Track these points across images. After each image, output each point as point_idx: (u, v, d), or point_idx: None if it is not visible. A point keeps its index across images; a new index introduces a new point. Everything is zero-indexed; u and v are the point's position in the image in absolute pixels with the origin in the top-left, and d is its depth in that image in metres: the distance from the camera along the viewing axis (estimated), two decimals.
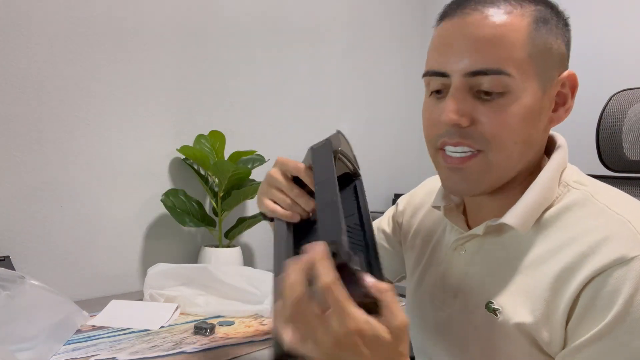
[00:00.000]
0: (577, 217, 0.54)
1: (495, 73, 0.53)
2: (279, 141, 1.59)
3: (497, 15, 0.54)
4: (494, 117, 0.54)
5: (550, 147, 0.62)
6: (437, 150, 0.60)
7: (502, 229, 0.59)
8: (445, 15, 0.58)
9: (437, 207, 0.68)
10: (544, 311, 0.52)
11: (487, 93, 0.54)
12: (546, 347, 0.53)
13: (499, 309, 0.56)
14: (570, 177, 0.59)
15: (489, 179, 0.57)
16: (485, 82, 0.54)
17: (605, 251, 0.50)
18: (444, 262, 0.67)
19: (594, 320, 0.49)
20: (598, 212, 0.53)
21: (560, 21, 0.57)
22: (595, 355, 0.49)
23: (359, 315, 0.42)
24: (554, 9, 0.58)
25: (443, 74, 0.56)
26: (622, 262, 0.48)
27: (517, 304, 0.55)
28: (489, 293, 0.58)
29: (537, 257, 0.55)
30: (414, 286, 0.74)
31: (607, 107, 1.10)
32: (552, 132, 0.62)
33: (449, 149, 0.57)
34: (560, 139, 0.62)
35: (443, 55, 0.56)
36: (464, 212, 0.68)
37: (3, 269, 0.86)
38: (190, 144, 1.34)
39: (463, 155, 0.57)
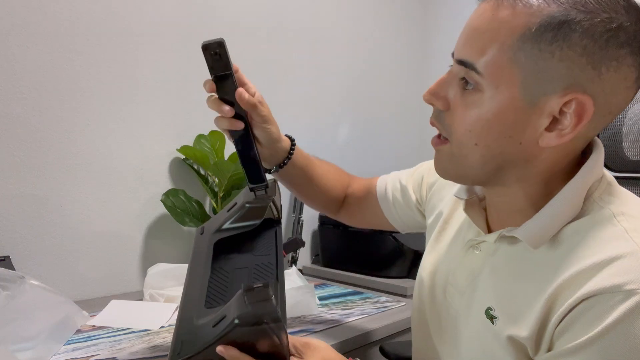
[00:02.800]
0: (593, 238, 0.51)
1: (467, 66, 0.52)
2: None
3: (502, 10, 0.50)
4: (460, 111, 0.54)
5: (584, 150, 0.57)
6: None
7: (516, 239, 0.57)
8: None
9: (459, 198, 0.67)
10: (539, 326, 0.52)
11: (466, 84, 0.54)
12: (534, 356, 0.53)
13: (497, 318, 0.56)
14: (599, 192, 0.55)
15: (454, 170, 0.58)
16: (463, 73, 0.53)
17: (606, 275, 0.47)
18: (458, 257, 0.66)
19: (573, 335, 0.48)
20: (615, 236, 0.50)
21: (597, 32, 0.47)
22: None
23: None
24: (588, 22, 0.47)
25: (453, 56, 0.57)
26: (618, 291, 0.46)
27: (514, 317, 0.54)
28: (491, 299, 0.58)
29: (544, 273, 0.53)
30: (430, 269, 0.73)
31: None
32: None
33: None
34: (595, 147, 0.56)
35: (458, 39, 0.57)
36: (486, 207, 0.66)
37: (3, 269, 0.86)
38: (190, 144, 1.34)
39: (439, 139, 0.59)
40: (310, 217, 1.62)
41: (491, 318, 0.57)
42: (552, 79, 0.49)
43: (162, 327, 0.97)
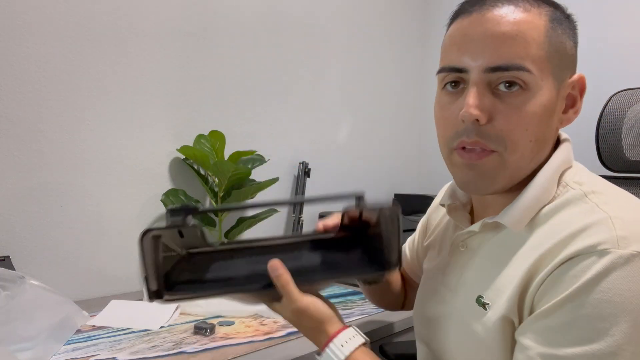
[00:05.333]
0: (568, 214, 0.54)
1: (516, 69, 0.53)
2: (279, 141, 1.59)
3: (516, 13, 0.55)
4: (511, 115, 0.54)
5: (556, 145, 0.62)
6: (452, 150, 0.59)
7: (499, 226, 0.60)
8: (461, 12, 0.58)
9: (443, 205, 0.70)
10: (520, 297, 0.54)
11: (507, 88, 0.54)
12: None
13: (488, 304, 0.57)
14: (572, 177, 0.58)
15: (503, 178, 0.57)
16: (504, 78, 0.54)
17: (578, 240, 0.50)
18: (446, 258, 0.69)
19: (550, 297, 0.50)
20: (586, 210, 0.53)
21: (571, 24, 0.58)
22: (542, 329, 0.51)
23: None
24: (564, 12, 0.59)
25: (461, 70, 0.56)
26: (591, 251, 0.49)
27: (502, 297, 0.56)
28: (481, 287, 0.59)
29: (524, 251, 0.56)
30: (423, 280, 0.76)
31: (607, 107, 1.10)
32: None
33: (467, 147, 0.57)
34: (564, 139, 0.62)
35: (461, 51, 0.56)
36: (472, 212, 0.68)
37: (3, 269, 0.86)
38: (190, 144, 1.34)
39: (479, 151, 0.57)
40: (310, 217, 1.62)
41: (483, 305, 0.58)
42: (567, 64, 0.57)
43: (162, 327, 0.97)
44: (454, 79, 0.58)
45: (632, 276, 0.47)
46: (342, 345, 0.59)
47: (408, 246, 0.90)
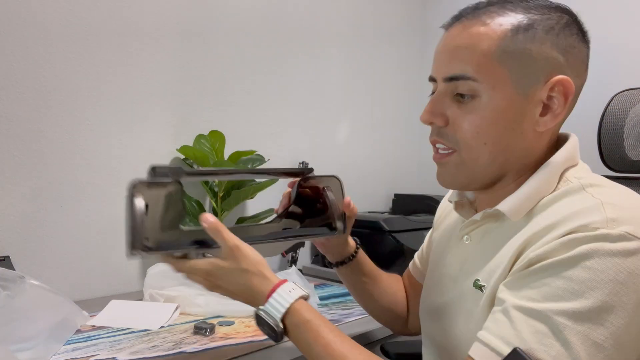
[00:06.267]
0: (564, 202, 0.57)
1: (462, 79, 0.59)
2: (279, 141, 1.59)
3: (474, 27, 0.59)
4: (464, 119, 0.60)
5: (561, 146, 0.63)
6: (432, 146, 0.66)
7: (499, 216, 0.62)
8: (444, 26, 0.65)
9: (451, 202, 0.74)
10: (509, 269, 0.56)
11: (461, 96, 0.60)
12: None
13: (484, 285, 0.60)
14: (574, 173, 0.60)
15: (464, 176, 0.63)
16: (459, 87, 0.60)
17: (569, 222, 0.53)
18: (451, 251, 0.71)
19: (532, 264, 0.53)
20: (582, 198, 0.56)
21: (555, 27, 0.58)
22: (519, 286, 0.53)
23: (193, 264, 0.67)
24: (539, 16, 0.58)
25: (433, 79, 0.64)
26: (582, 229, 0.51)
27: (493, 277, 0.58)
28: (478, 272, 0.62)
29: (519, 236, 0.58)
30: (427, 273, 0.78)
31: (609, 107, 1.10)
32: (565, 132, 0.65)
33: (436, 145, 0.65)
34: (569, 138, 0.64)
35: (434, 63, 0.64)
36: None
37: (3, 269, 0.86)
38: (190, 144, 1.34)
39: (444, 152, 0.64)
40: None
41: (480, 287, 0.61)
42: (535, 70, 0.58)
43: (162, 327, 0.97)
44: (434, 89, 0.65)
45: (616, 254, 0.49)
46: (290, 291, 0.63)
47: (417, 256, 0.91)
